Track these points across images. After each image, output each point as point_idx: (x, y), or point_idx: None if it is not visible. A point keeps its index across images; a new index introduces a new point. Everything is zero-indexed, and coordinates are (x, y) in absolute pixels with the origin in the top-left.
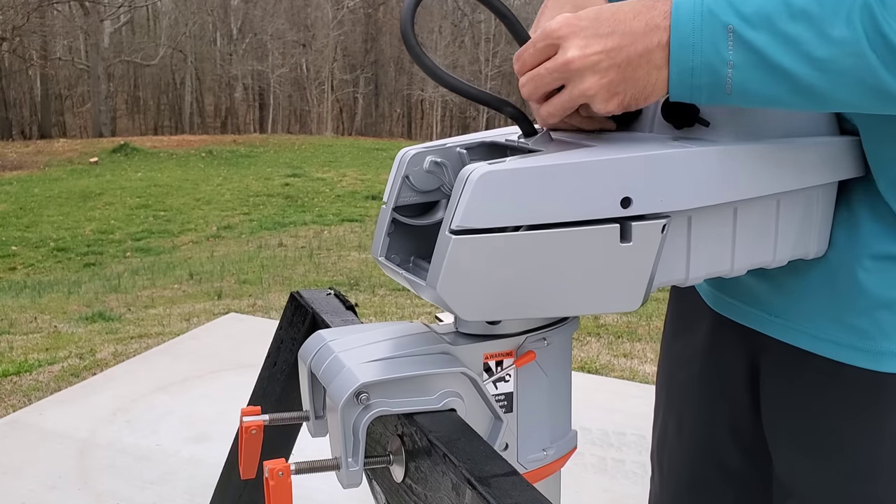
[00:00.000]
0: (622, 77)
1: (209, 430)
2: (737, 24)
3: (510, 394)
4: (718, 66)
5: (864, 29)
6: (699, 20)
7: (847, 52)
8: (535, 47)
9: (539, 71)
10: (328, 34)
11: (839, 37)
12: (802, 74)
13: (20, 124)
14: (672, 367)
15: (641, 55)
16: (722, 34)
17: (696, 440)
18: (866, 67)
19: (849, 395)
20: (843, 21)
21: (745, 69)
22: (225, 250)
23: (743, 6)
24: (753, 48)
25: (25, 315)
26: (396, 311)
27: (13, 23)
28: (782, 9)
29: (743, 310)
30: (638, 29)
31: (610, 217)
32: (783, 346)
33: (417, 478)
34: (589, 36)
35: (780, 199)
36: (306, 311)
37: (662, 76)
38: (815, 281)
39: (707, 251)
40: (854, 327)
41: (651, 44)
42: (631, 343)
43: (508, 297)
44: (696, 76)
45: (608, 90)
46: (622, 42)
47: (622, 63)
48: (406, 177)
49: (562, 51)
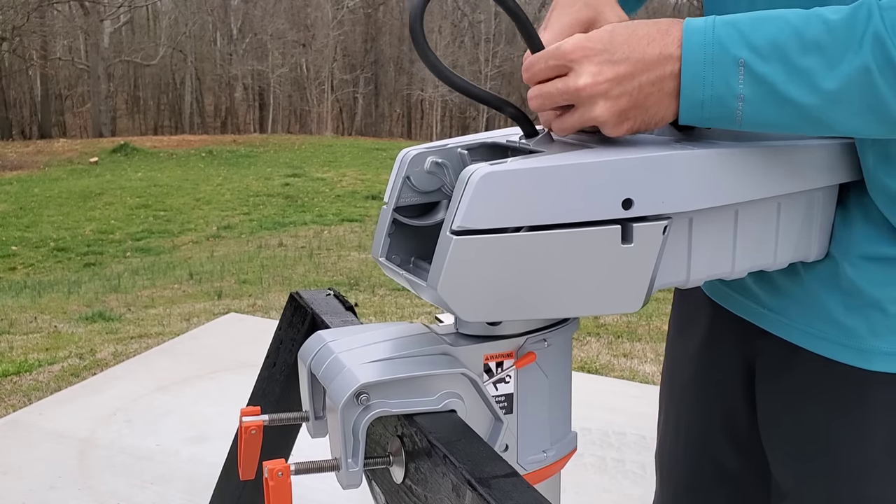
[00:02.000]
0: (633, 104)
1: (209, 430)
2: (748, 58)
3: (510, 395)
4: (729, 99)
5: (874, 59)
6: (710, 53)
7: (857, 83)
8: (546, 63)
9: (549, 90)
10: (328, 34)
11: (850, 68)
12: (813, 105)
13: (20, 124)
14: (673, 367)
15: (653, 83)
16: (733, 68)
17: (693, 440)
18: (876, 97)
19: (839, 393)
20: (855, 52)
21: (756, 102)
22: (225, 250)
23: (754, 37)
24: (765, 82)
25: (25, 315)
26: (396, 312)
27: (13, 23)
28: (794, 40)
29: (739, 301)
30: (651, 57)
31: (611, 218)
32: (777, 342)
33: (417, 479)
34: (602, 62)
35: (781, 202)
36: (306, 311)
37: (673, 105)
38: (808, 278)
39: (708, 253)
40: (844, 325)
41: (664, 73)
42: (631, 343)
43: (509, 298)
44: (706, 109)
45: (619, 116)
46: (635, 70)
47: (633, 91)
48: (407, 177)
49: (574, 75)
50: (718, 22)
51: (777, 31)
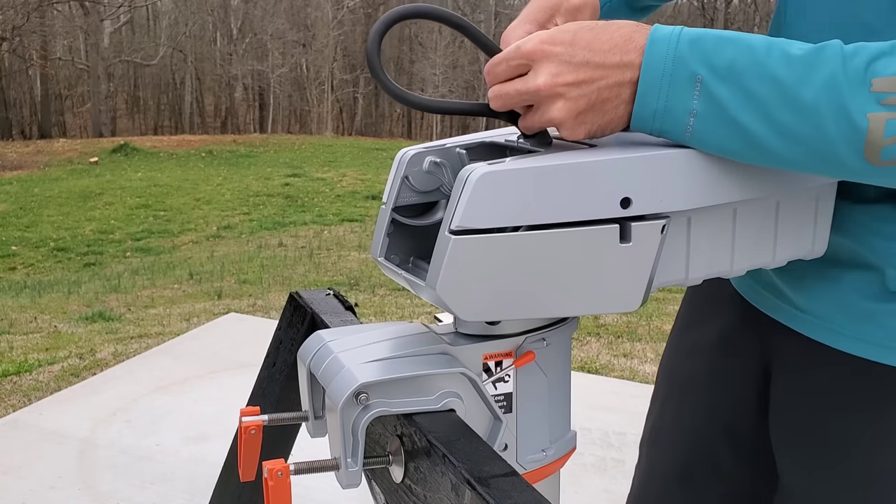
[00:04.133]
0: (590, 107)
1: (209, 430)
2: (706, 76)
3: (509, 394)
4: (681, 113)
5: (828, 101)
6: (670, 65)
7: (808, 121)
8: (507, 63)
9: (508, 90)
10: (328, 34)
11: (803, 104)
12: (761, 134)
13: (20, 124)
14: (679, 358)
15: (611, 88)
16: (690, 83)
17: (693, 436)
18: (824, 138)
19: (871, 395)
20: (811, 90)
21: (707, 120)
22: (225, 250)
23: (715, 58)
24: (719, 102)
25: (25, 315)
26: (396, 311)
27: (13, 23)
28: (753, 68)
29: (767, 298)
30: (611, 62)
31: (609, 217)
32: (801, 342)
33: (417, 478)
34: (562, 62)
35: (780, 200)
36: (305, 311)
37: (628, 111)
38: (845, 280)
39: (707, 252)
40: (886, 325)
41: (622, 79)
42: (631, 343)
43: (508, 297)
44: (657, 119)
45: (576, 119)
46: (594, 75)
47: (591, 94)
48: (405, 177)
49: (533, 74)
50: (684, 35)
51: (737, 54)
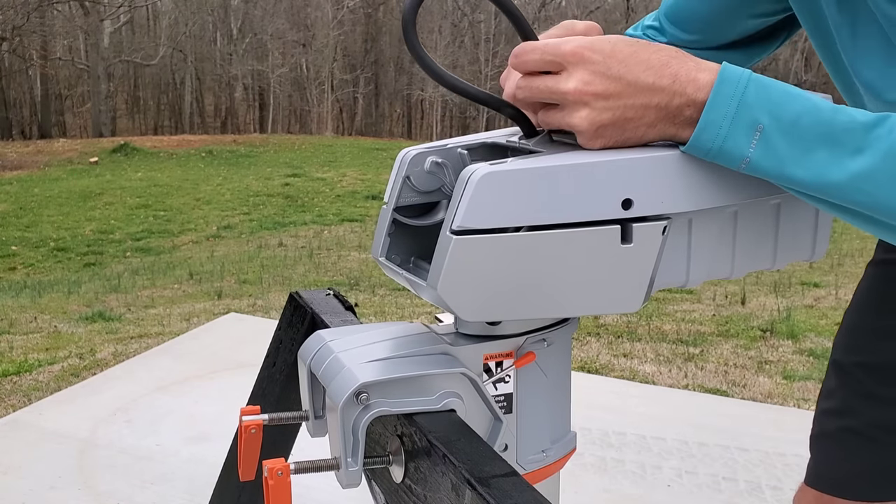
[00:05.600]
0: (612, 122)
1: (209, 430)
2: (768, 125)
3: (510, 395)
4: (734, 159)
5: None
6: (734, 108)
7: (863, 184)
8: (542, 56)
9: (539, 84)
10: (328, 34)
11: (858, 168)
12: (811, 186)
13: (20, 124)
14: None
15: (637, 109)
16: (750, 130)
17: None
18: (875, 202)
19: None
20: (869, 155)
21: (757, 169)
22: (225, 250)
23: (781, 110)
24: (775, 153)
25: (25, 315)
26: (396, 311)
27: (13, 23)
28: (817, 126)
29: None
30: (644, 83)
31: (611, 218)
32: None
33: (417, 478)
34: (596, 72)
35: (781, 203)
36: (305, 311)
37: (648, 134)
38: None
39: (707, 254)
40: None
41: (650, 102)
42: (631, 343)
43: (509, 297)
44: (709, 155)
45: (595, 131)
46: (624, 90)
47: (615, 109)
48: (407, 177)
49: (565, 75)
50: (753, 80)
51: (804, 110)
